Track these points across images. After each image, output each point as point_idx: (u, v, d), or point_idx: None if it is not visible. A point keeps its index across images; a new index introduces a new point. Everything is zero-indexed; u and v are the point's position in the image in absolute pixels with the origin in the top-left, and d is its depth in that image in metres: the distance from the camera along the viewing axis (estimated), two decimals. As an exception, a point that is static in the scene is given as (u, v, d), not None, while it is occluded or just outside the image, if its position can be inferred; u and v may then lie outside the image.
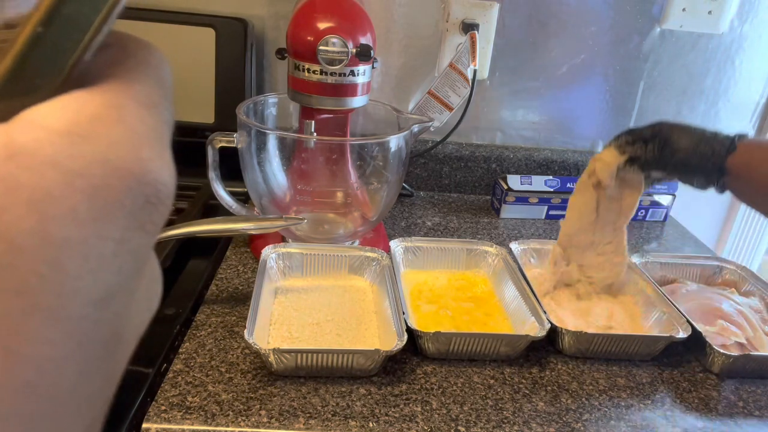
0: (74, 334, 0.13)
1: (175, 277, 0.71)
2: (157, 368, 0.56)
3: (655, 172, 0.64)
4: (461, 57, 0.94)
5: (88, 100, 0.14)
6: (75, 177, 0.13)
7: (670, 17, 0.98)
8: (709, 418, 0.58)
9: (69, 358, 0.13)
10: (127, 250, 0.14)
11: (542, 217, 1.00)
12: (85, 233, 0.13)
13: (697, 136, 0.61)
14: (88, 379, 0.14)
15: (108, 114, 0.14)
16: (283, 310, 0.66)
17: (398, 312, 0.61)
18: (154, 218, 0.15)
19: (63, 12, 0.14)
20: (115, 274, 0.14)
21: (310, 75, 0.69)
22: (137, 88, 0.15)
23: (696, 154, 0.59)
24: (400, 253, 0.75)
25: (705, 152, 0.59)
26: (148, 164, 0.14)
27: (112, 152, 0.14)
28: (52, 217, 0.12)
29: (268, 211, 0.77)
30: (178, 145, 0.77)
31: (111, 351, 0.14)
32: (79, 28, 0.14)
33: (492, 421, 0.55)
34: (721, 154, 0.58)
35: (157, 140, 0.15)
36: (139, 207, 0.14)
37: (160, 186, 0.14)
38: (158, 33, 0.88)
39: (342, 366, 0.57)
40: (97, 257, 0.13)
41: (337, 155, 0.78)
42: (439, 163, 1.05)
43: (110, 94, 0.15)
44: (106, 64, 0.16)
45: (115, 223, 0.13)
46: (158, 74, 0.17)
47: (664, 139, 0.62)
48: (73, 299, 0.13)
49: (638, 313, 0.70)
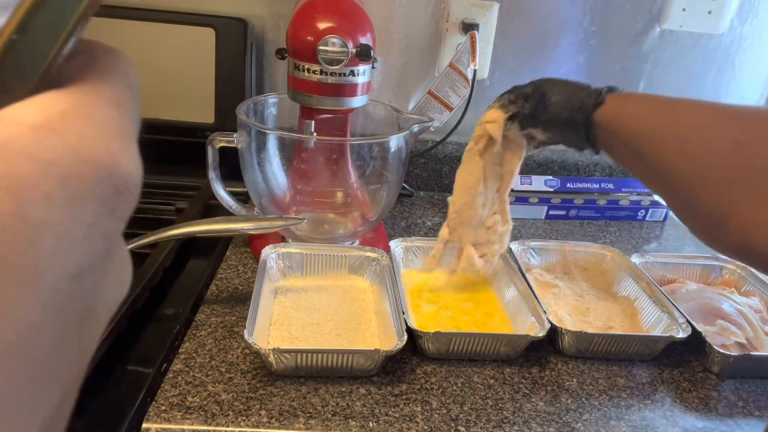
0: (50, 304, 0.14)
1: (175, 277, 0.71)
2: (157, 368, 0.56)
3: (534, 130, 0.62)
4: (461, 57, 0.94)
5: (59, 99, 0.16)
6: (48, 166, 0.14)
7: (670, 17, 0.98)
8: (709, 418, 0.58)
9: (46, 324, 0.14)
10: (98, 233, 0.15)
11: (542, 217, 1.00)
12: (59, 216, 0.14)
13: (569, 90, 0.59)
14: (64, 345, 0.15)
15: (78, 111, 0.16)
16: (283, 310, 0.66)
17: (398, 312, 0.61)
18: (123, 206, 0.16)
19: (35, 21, 0.15)
20: (87, 253, 0.15)
21: (310, 75, 0.69)
22: (106, 89, 0.17)
23: (566, 107, 0.58)
24: (400, 253, 0.76)
25: (574, 104, 0.57)
26: (116, 157, 0.16)
27: (83, 145, 0.15)
28: (29, 202, 0.14)
29: (268, 211, 0.77)
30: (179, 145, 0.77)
31: (84, 323, 0.16)
32: (51, 36, 0.16)
33: (492, 421, 0.55)
34: (589, 105, 0.56)
35: (124, 136, 0.17)
36: (108, 195, 0.16)
37: (127, 177, 0.16)
38: (158, 33, 0.88)
39: (342, 366, 0.57)
40: (70, 237, 0.15)
41: (337, 155, 0.78)
42: (439, 163, 1.05)
43: (80, 93, 0.16)
44: (77, 68, 0.17)
45: (86, 208, 0.15)
46: (126, 77, 0.18)
47: (540, 94, 0.60)
48: (49, 273, 0.14)
49: (638, 313, 0.70)
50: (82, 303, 0.16)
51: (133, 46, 0.89)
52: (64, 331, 0.15)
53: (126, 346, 0.59)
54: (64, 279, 0.15)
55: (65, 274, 0.15)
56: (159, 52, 0.89)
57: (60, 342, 0.15)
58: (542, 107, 0.60)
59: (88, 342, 0.17)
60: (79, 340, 0.16)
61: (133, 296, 0.61)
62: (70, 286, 0.15)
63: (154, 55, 0.89)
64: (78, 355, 0.16)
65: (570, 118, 0.57)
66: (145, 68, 0.90)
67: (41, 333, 0.14)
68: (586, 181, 1.01)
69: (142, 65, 0.92)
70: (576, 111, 0.57)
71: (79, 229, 0.15)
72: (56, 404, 0.15)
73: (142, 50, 0.89)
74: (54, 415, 0.15)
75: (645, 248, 0.94)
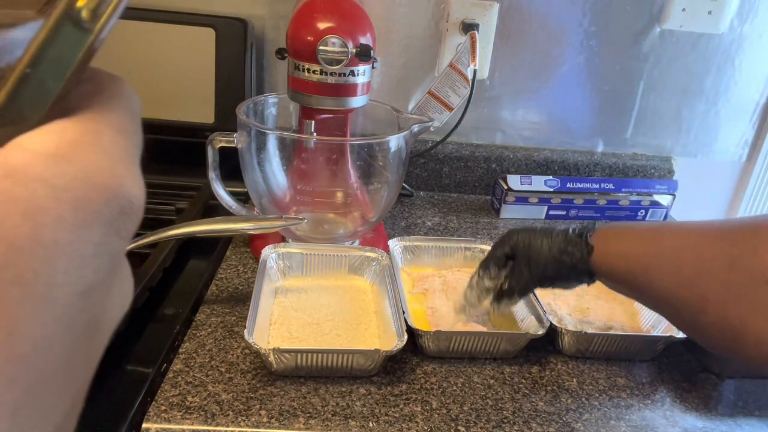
0: (62, 319, 0.15)
1: (175, 277, 0.71)
2: (157, 368, 0.56)
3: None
4: (461, 57, 0.94)
5: (69, 127, 0.17)
6: (61, 191, 0.15)
7: (670, 17, 0.98)
8: (709, 418, 0.58)
9: (58, 338, 0.15)
10: (105, 252, 0.17)
11: (542, 217, 1.00)
12: (71, 237, 0.15)
13: (551, 244, 0.58)
14: (74, 357, 0.16)
15: (86, 139, 0.17)
16: (283, 310, 0.66)
17: (398, 312, 0.61)
18: (128, 226, 0.17)
19: (47, 56, 0.17)
20: (94, 271, 0.16)
21: (310, 75, 0.69)
22: (111, 117, 0.18)
23: (562, 268, 0.57)
24: (399, 253, 0.76)
25: (572, 259, 0.56)
26: (121, 181, 0.17)
27: (91, 171, 0.16)
28: (43, 224, 0.15)
29: (268, 211, 0.77)
30: (178, 145, 0.77)
31: (91, 336, 0.17)
32: (61, 69, 0.17)
33: (492, 421, 0.55)
34: (584, 258, 0.56)
35: (128, 160, 0.18)
36: (114, 216, 0.17)
37: (132, 199, 0.17)
38: (158, 33, 0.88)
39: (342, 366, 0.57)
40: (80, 257, 0.16)
41: (337, 155, 0.78)
42: (439, 163, 1.05)
43: (88, 122, 0.18)
44: (83, 96, 0.19)
45: (95, 229, 0.16)
46: (129, 104, 0.20)
47: (525, 258, 0.59)
48: (61, 290, 0.15)
49: (638, 313, 0.70)
50: (90, 317, 0.17)
51: (133, 46, 0.89)
52: (74, 344, 0.16)
53: (126, 346, 0.59)
54: (75, 295, 0.16)
55: (75, 290, 0.16)
56: (159, 52, 0.89)
57: (70, 354, 0.16)
58: (534, 272, 0.59)
59: (94, 353, 0.18)
60: (86, 351, 0.17)
61: (133, 296, 0.61)
62: (79, 302, 0.16)
63: (154, 55, 0.89)
64: (85, 366, 0.17)
65: (574, 275, 0.57)
66: (145, 68, 0.90)
67: (54, 346, 0.15)
68: (586, 181, 1.01)
69: (142, 65, 0.92)
70: (575, 267, 0.56)
71: (88, 248, 0.16)
72: (67, 411, 0.16)
73: (142, 50, 0.89)
74: (64, 422, 0.16)
75: (645, 248, 0.94)
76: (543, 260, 0.58)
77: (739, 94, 1.06)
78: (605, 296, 0.74)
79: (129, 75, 0.89)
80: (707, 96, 1.05)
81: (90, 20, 0.17)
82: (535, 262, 0.58)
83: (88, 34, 0.18)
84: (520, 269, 0.60)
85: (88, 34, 0.18)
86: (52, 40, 0.17)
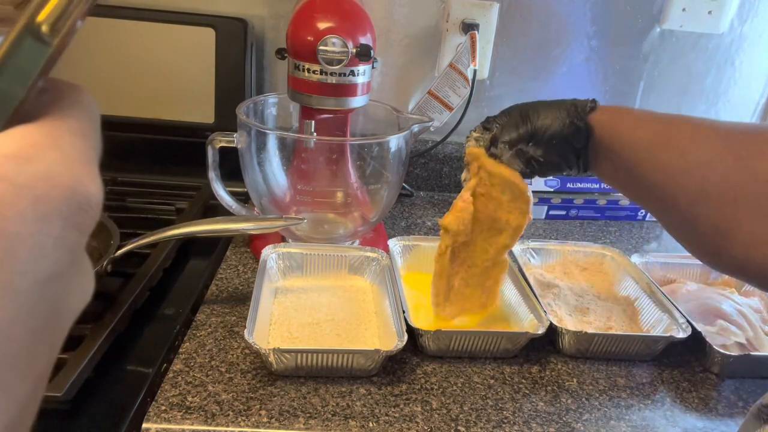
0: (24, 304, 0.17)
1: (175, 277, 0.71)
2: (157, 368, 0.56)
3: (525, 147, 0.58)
4: (461, 57, 0.94)
5: (30, 131, 0.19)
6: (21, 189, 0.17)
7: (670, 17, 0.98)
8: (709, 418, 0.58)
9: (21, 321, 0.17)
10: (64, 244, 0.18)
11: (542, 217, 1.00)
12: (32, 230, 0.17)
13: (551, 103, 0.58)
14: (36, 341, 0.18)
15: (46, 142, 0.18)
16: (283, 310, 0.66)
17: (398, 312, 0.61)
18: (86, 221, 0.19)
19: (9, 67, 0.18)
20: (55, 262, 0.18)
21: (310, 75, 0.69)
22: (70, 122, 0.20)
23: (560, 115, 0.56)
24: (399, 252, 0.76)
25: (569, 110, 0.56)
26: (80, 179, 0.19)
27: (51, 170, 0.18)
28: (5, 218, 0.16)
29: (268, 211, 0.77)
30: (178, 145, 0.77)
31: (52, 322, 0.19)
32: (23, 78, 0.19)
33: (492, 421, 0.55)
34: (585, 109, 0.55)
35: (87, 161, 0.20)
36: (73, 212, 0.18)
37: (90, 196, 0.19)
38: (158, 33, 0.88)
39: (342, 366, 0.57)
40: (40, 248, 0.17)
41: (337, 155, 0.78)
42: (439, 163, 1.05)
43: (48, 126, 0.19)
44: (44, 103, 0.20)
45: (55, 223, 0.18)
46: (88, 110, 0.21)
47: (523, 112, 0.58)
48: (23, 278, 0.17)
49: (638, 313, 0.70)
50: (51, 305, 0.18)
51: (134, 46, 0.89)
52: (36, 329, 0.18)
53: (126, 346, 0.59)
54: (36, 283, 0.17)
55: (37, 279, 0.17)
56: (159, 52, 0.89)
57: (32, 339, 0.17)
58: (534, 119, 0.58)
59: (56, 340, 0.19)
60: (48, 338, 0.18)
61: (134, 296, 0.61)
62: (41, 290, 0.17)
63: (154, 55, 0.89)
64: (48, 352, 0.19)
65: (570, 123, 0.56)
66: (145, 68, 0.90)
67: (17, 330, 0.17)
68: (586, 181, 1.01)
69: (142, 65, 0.92)
70: (573, 116, 0.56)
71: (48, 241, 0.17)
72: (29, 392, 0.18)
73: (142, 50, 0.89)
74: (26, 402, 0.18)
75: (645, 248, 0.94)
76: (540, 109, 0.58)
77: (739, 94, 1.06)
78: (605, 296, 0.74)
79: (129, 75, 0.90)
80: (707, 96, 1.05)
81: (49, 34, 0.19)
82: (533, 110, 0.58)
83: (48, 47, 0.19)
84: (515, 120, 0.58)
85: (47, 47, 0.19)
86: (13, 52, 0.18)
